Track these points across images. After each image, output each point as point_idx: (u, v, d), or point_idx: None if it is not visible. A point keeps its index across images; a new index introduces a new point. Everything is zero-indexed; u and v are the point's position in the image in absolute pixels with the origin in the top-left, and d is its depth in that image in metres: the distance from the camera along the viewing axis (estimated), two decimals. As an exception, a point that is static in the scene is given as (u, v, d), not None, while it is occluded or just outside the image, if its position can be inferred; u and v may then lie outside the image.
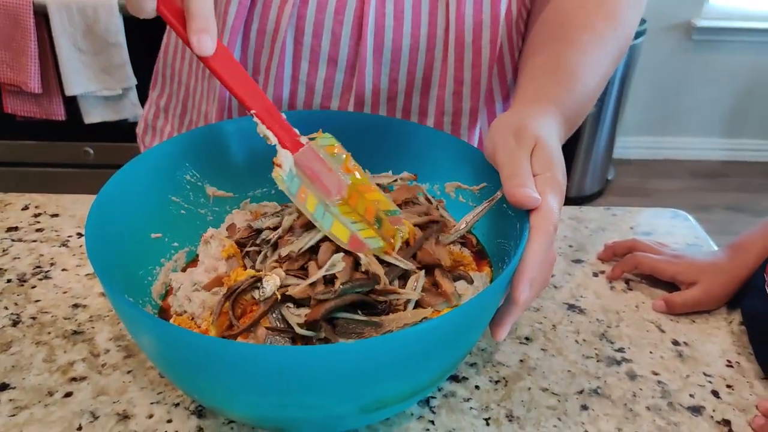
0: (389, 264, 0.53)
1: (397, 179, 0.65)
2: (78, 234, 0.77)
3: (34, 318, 0.64)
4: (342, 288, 0.48)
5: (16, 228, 0.77)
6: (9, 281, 0.69)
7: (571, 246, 0.79)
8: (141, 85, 1.91)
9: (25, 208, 0.81)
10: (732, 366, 0.62)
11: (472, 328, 0.48)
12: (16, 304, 0.66)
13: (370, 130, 0.66)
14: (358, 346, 0.42)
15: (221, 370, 0.42)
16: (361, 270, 0.51)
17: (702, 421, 0.56)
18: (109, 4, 1.78)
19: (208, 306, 0.53)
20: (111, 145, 2.08)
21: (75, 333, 0.62)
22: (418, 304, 0.51)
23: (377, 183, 0.65)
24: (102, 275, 0.45)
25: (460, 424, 0.54)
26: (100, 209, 0.52)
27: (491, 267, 0.60)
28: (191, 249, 0.62)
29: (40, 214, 0.80)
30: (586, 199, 2.77)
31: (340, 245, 0.52)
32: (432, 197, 0.65)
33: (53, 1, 1.76)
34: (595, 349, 0.63)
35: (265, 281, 0.50)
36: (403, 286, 0.52)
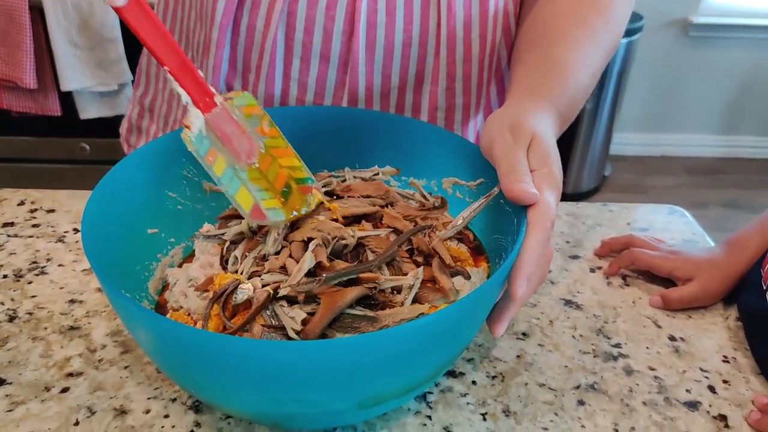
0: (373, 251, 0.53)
1: (379, 173, 0.65)
2: (74, 229, 0.77)
3: (30, 313, 0.64)
4: (327, 276, 0.49)
5: (12, 223, 0.77)
6: (5, 277, 0.69)
7: (567, 242, 0.79)
8: (137, 81, 1.91)
9: (21, 203, 0.81)
10: (728, 361, 0.62)
11: (469, 324, 0.48)
12: (13, 300, 0.65)
13: (366, 126, 0.66)
14: (355, 341, 0.42)
15: (218, 365, 0.42)
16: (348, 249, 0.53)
17: (698, 416, 0.56)
18: (105, -2, 1.77)
19: (202, 306, 0.53)
20: (107, 140, 2.07)
21: (71, 328, 0.62)
22: (416, 299, 0.51)
23: (361, 177, 0.65)
24: (99, 271, 0.45)
25: (457, 420, 0.54)
26: (97, 205, 0.52)
27: (488, 262, 0.60)
28: (188, 244, 0.62)
29: (36, 210, 0.80)
30: (583, 196, 2.77)
31: (241, 214, 0.51)
32: (429, 194, 0.65)
33: (49, -4, 1.76)
34: (591, 344, 0.64)
35: (239, 289, 0.50)
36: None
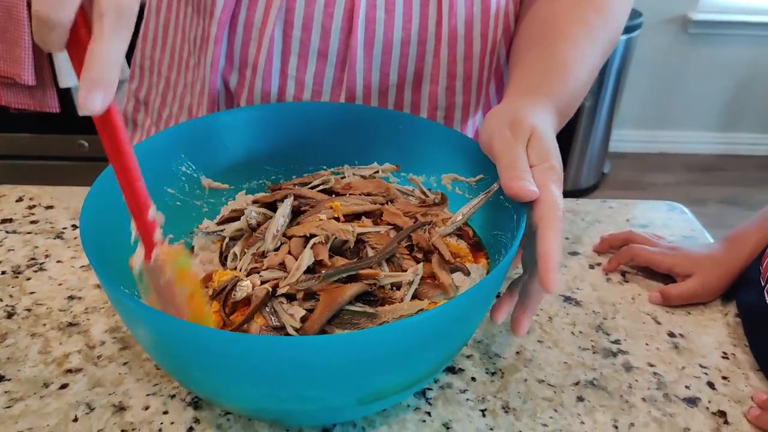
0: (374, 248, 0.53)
1: (379, 170, 0.65)
2: (73, 226, 0.76)
3: (29, 310, 0.64)
4: (326, 273, 0.49)
5: (11, 220, 0.77)
6: (3, 273, 0.68)
7: (567, 238, 0.79)
8: (136, 78, 1.91)
9: (20, 200, 0.81)
10: (727, 358, 0.62)
11: (468, 320, 0.48)
12: (11, 296, 0.65)
13: (366, 123, 0.66)
14: (355, 337, 0.42)
15: (217, 361, 0.42)
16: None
17: (697, 413, 0.56)
18: (103, -5, 1.77)
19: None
20: (105, 137, 2.07)
21: (70, 325, 0.62)
22: (415, 295, 0.51)
23: (360, 174, 0.65)
24: (97, 267, 0.45)
25: (457, 416, 0.54)
26: (95, 200, 0.52)
27: (487, 259, 0.60)
28: (186, 240, 0.62)
29: (34, 206, 0.80)
30: (582, 193, 2.77)
31: None
32: (428, 190, 0.65)
33: (47, -7, 1.75)
34: (591, 340, 0.64)
35: (238, 286, 0.51)
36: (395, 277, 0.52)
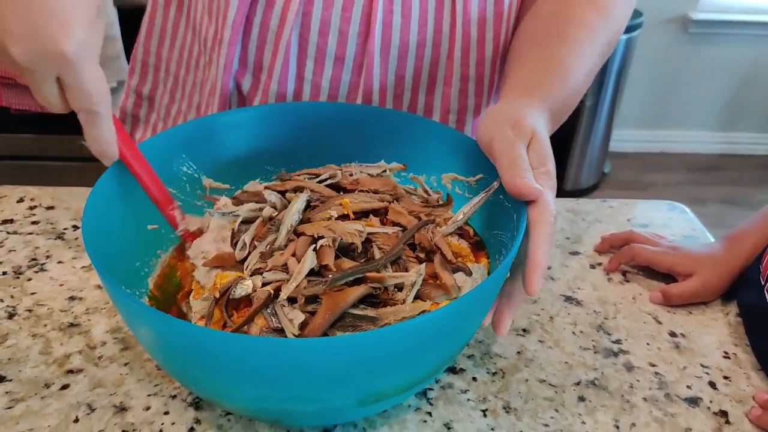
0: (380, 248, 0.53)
1: (386, 170, 0.65)
2: (74, 226, 0.76)
3: (30, 310, 0.64)
4: (333, 277, 0.48)
5: (12, 220, 0.77)
6: (5, 273, 0.68)
7: (568, 238, 0.79)
8: (136, 78, 1.91)
9: (20, 200, 0.81)
10: (729, 357, 0.62)
11: (470, 321, 0.48)
12: (12, 297, 0.65)
13: (366, 122, 0.66)
14: (356, 339, 0.42)
15: (217, 361, 0.42)
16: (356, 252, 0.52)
17: (699, 413, 0.56)
18: (104, -5, 1.77)
19: (212, 280, 0.53)
20: (106, 138, 2.07)
21: (71, 325, 0.62)
22: (418, 296, 0.51)
23: (368, 173, 0.65)
24: (99, 267, 0.45)
25: (458, 416, 0.54)
26: (97, 201, 0.52)
27: (488, 258, 0.60)
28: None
29: (35, 207, 0.80)
30: (582, 193, 2.77)
31: None
32: (430, 188, 0.65)
33: (47, -7, 1.75)
34: (592, 340, 0.63)
35: (239, 285, 0.50)
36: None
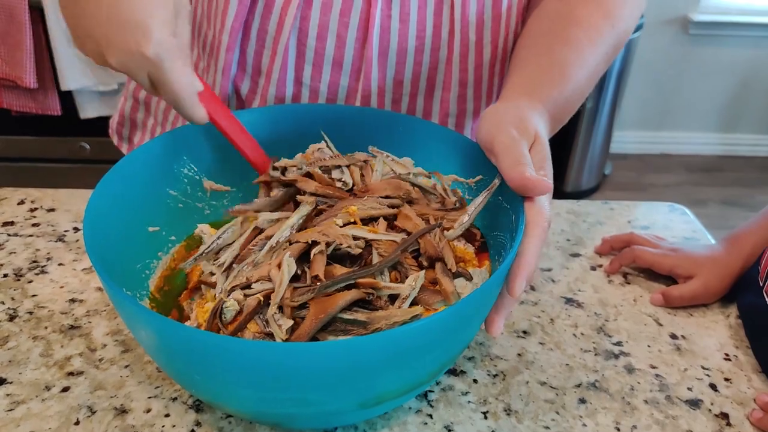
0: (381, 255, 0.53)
1: (411, 173, 0.64)
2: (74, 229, 0.76)
3: (30, 313, 0.64)
4: (321, 285, 0.48)
5: (12, 223, 0.77)
6: (5, 276, 0.68)
7: (568, 240, 0.79)
8: (137, 80, 1.91)
9: (21, 202, 0.81)
10: (730, 359, 0.62)
11: (469, 324, 0.48)
12: (13, 299, 0.65)
13: (366, 124, 0.66)
14: (348, 345, 0.41)
15: (218, 364, 0.42)
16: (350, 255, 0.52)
17: (700, 415, 0.56)
18: (105, -2, 1.77)
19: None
20: (107, 140, 2.03)
21: (72, 328, 0.62)
22: (415, 301, 0.51)
23: (392, 169, 0.64)
24: (100, 269, 0.45)
25: (458, 418, 0.54)
26: (98, 203, 0.52)
27: (489, 260, 0.59)
28: (188, 243, 0.62)
29: (36, 209, 0.80)
30: (583, 194, 2.77)
31: None
32: (449, 189, 0.64)
33: (48, -4, 1.76)
34: (593, 342, 0.63)
35: (224, 308, 0.49)
36: (397, 279, 0.52)
